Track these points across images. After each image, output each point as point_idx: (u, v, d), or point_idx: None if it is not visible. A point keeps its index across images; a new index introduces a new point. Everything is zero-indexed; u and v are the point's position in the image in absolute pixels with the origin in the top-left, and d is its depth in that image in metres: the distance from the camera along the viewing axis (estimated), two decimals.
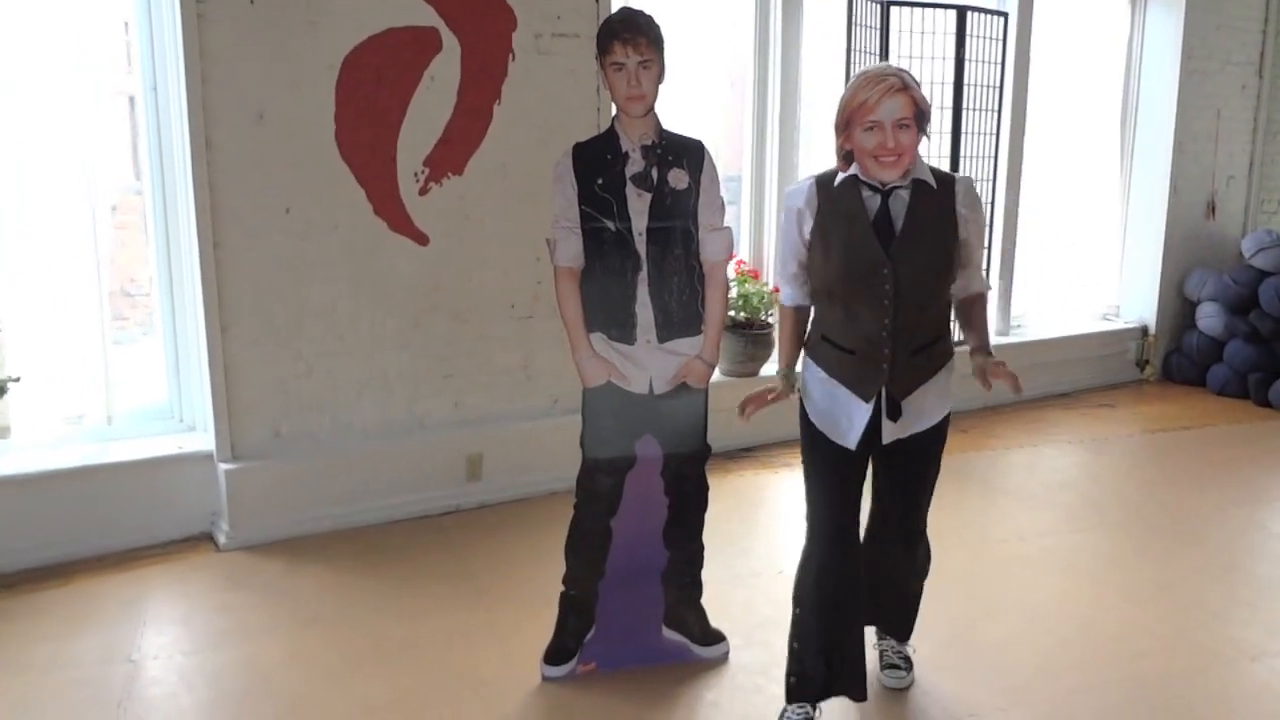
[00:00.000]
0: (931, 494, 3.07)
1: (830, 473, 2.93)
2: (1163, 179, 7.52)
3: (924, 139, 2.70)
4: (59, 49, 4.13)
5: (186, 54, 4.04)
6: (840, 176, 2.79)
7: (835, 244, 2.75)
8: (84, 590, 3.91)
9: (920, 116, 2.64)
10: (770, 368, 5.88)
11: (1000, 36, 6.49)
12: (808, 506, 2.99)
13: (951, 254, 2.79)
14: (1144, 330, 7.76)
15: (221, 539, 4.29)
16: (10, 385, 4.05)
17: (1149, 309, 7.75)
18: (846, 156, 2.74)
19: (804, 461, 3.00)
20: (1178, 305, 7.79)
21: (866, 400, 2.83)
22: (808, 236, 2.83)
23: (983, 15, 6.35)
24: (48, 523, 4.10)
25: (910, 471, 2.99)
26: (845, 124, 2.69)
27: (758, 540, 4.54)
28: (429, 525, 4.59)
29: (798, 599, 3.01)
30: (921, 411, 2.89)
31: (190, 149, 4.11)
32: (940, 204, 2.76)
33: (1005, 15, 6.54)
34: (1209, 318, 7.47)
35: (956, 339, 3.03)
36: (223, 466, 4.29)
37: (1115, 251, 7.82)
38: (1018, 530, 4.68)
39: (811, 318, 2.98)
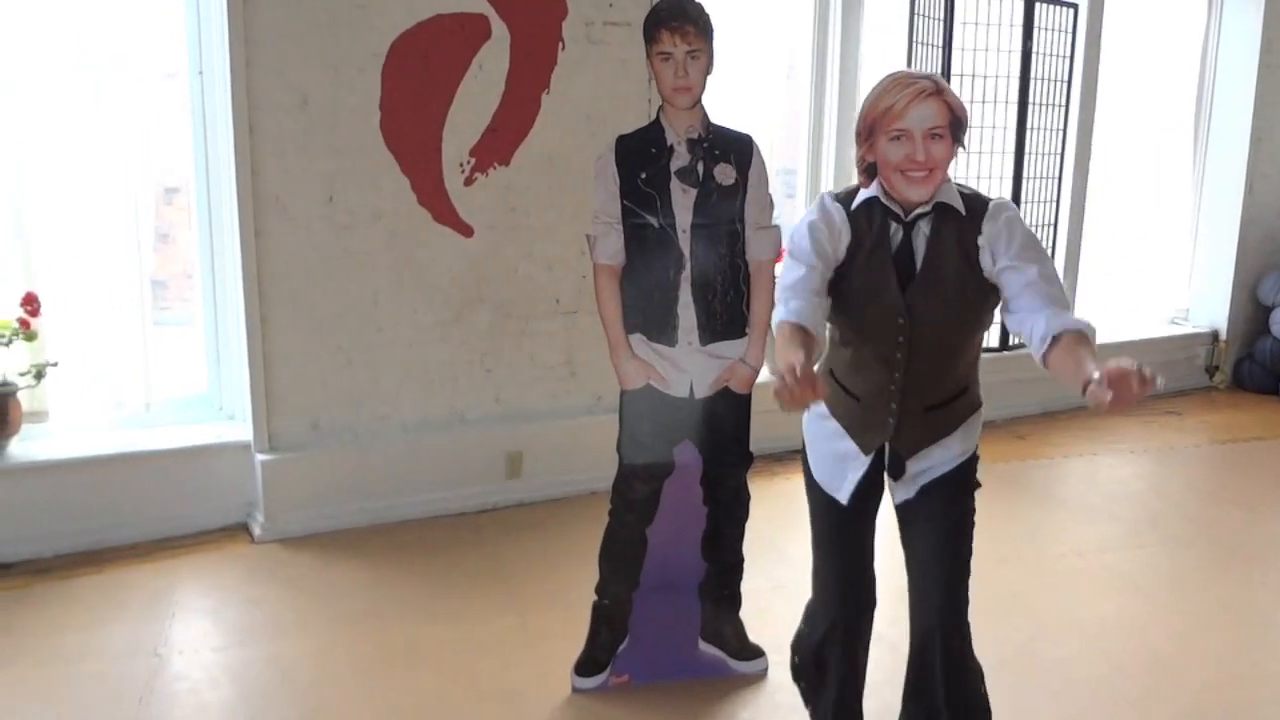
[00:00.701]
0: (966, 571, 2.47)
1: (834, 530, 2.58)
2: (1238, 177, 7.22)
3: (959, 152, 2.30)
4: (102, 32, 4.09)
5: (231, 37, 3.99)
6: (860, 196, 2.37)
7: (853, 276, 2.35)
8: (116, 578, 3.88)
9: (955, 125, 2.24)
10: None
11: (1070, 29, 6.26)
12: (814, 563, 2.67)
13: (979, 303, 2.34)
14: (1214, 335, 7.47)
15: (257, 530, 4.25)
16: (49, 370, 4.01)
17: (1220, 313, 7.46)
18: (868, 170, 2.35)
19: (810, 514, 2.64)
20: (1251, 310, 7.48)
21: (866, 452, 2.46)
22: (843, 253, 2.36)
23: (1052, 6, 6.12)
24: (84, 508, 4.07)
25: (932, 537, 2.48)
26: (868, 132, 2.29)
27: (803, 548, 4.32)
28: (465, 523, 4.50)
29: (796, 648, 2.76)
30: (930, 467, 2.46)
31: (233, 135, 4.05)
32: (970, 235, 2.31)
33: (1075, 6, 6.30)
34: None
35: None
36: (259, 457, 4.24)
37: (1186, 252, 7.52)
38: (1076, 544, 4.49)
39: (827, 351, 2.56)
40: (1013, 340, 6.37)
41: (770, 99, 5.86)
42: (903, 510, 2.54)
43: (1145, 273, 7.41)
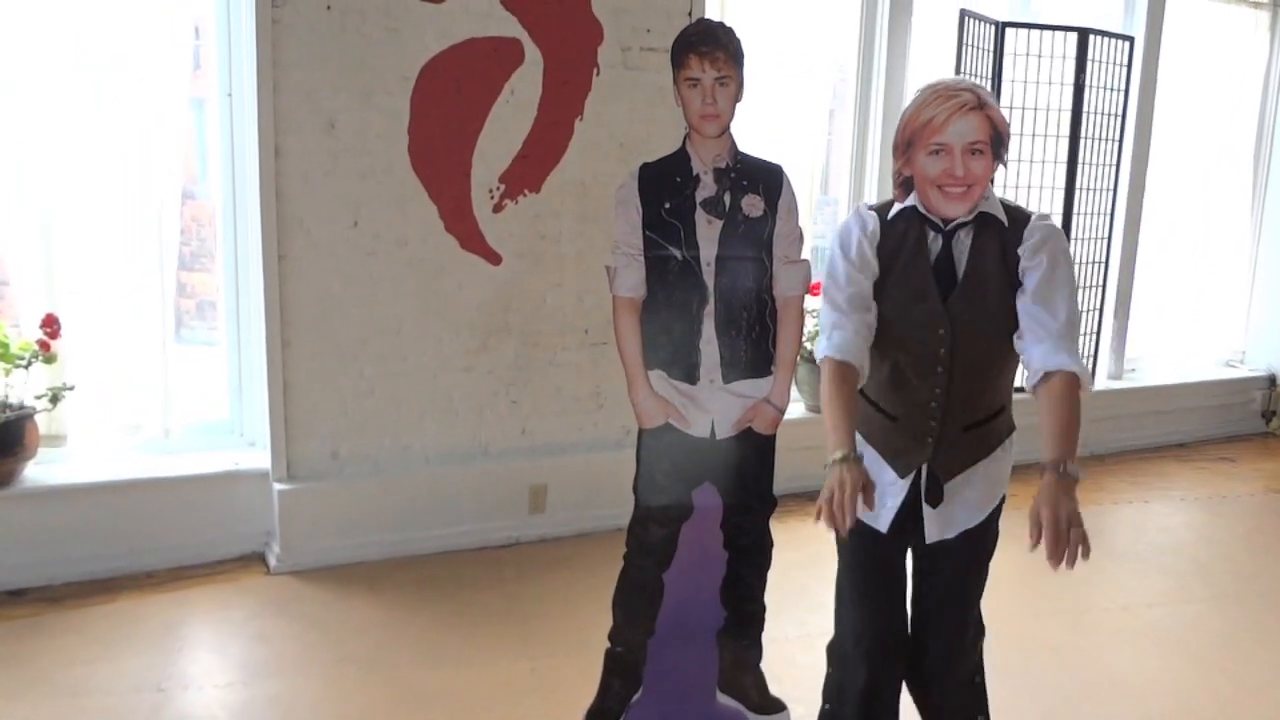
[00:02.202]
0: (977, 603, 2.49)
1: (862, 557, 2.48)
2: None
3: (1000, 169, 2.23)
4: (126, 52, 4.06)
5: (259, 59, 3.93)
6: (897, 208, 2.32)
7: (890, 288, 2.30)
8: (127, 609, 3.80)
9: (997, 140, 2.18)
10: None
11: (1125, 62, 6.08)
12: (837, 599, 2.56)
13: (1011, 305, 2.27)
14: (1272, 379, 7.21)
15: (272, 561, 4.16)
16: (65, 394, 3.96)
17: (1278, 356, 7.20)
18: (905, 184, 2.29)
19: (838, 548, 2.54)
20: None
21: (903, 475, 2.37)
22: (875, 266, 2.31)
23: (1106, 39, 5.95)
24: (98, 535, 4.01)
25: (948, 577, 2.44)
26: (906, 145, 2.23)
27: (830, 594, 4.20)
28: (486, 558, 4.38)
29: (827, 695, 2.63)
30: (969, 500, 2.38)
31: (259, 157, 3.99)
32: (1006, 246, 2.25)
33: (1131, 39, 6.13)
34: None
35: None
36: (277, 486, 4.16)
37: (1243, 293, 7.27)
38: (1121, 598, 4.27)
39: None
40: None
41: (815, 128, 5.73)
42: (933, 551, 2.41)
43: (1200, 313, 7.15)
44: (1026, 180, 5.87)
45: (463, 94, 4.29)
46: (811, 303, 3.16)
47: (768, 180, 2.90)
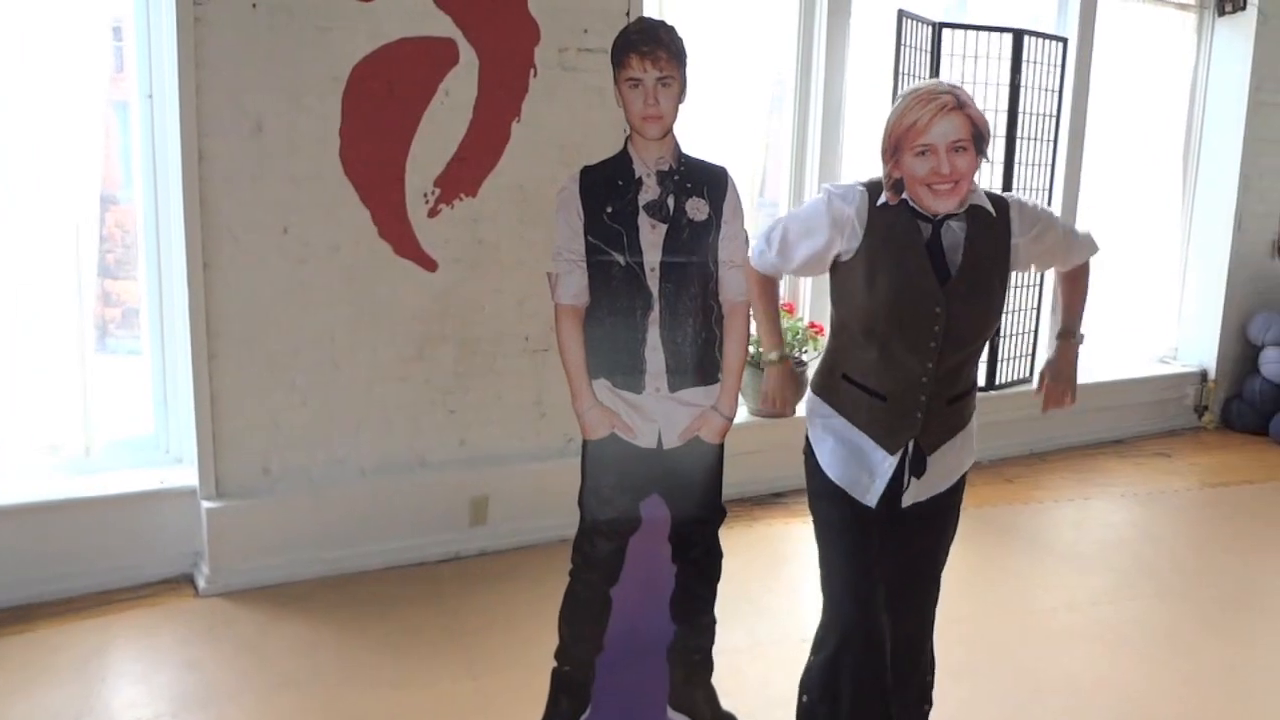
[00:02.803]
0: (940, 573, 2.68)
1: (851, 534, 2.55)
2: (1227, 215, 7.09)
3: (983, 163, 2.36)
4: (42, 54, 3.87)
5: (180, 59, 3.77)
6: (883, 198, 2.43)
7: (883, 275, 2.40)
8: (46, 638, 3.61)
9: (978, 138, 2.30)
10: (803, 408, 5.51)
11: (1059, 62, 6.13)
12: (824, 577, 2.62)
13: (1004, 292, 2.51)
14: (1203, 375, 7.32)
15: (201, 583, 3.99)
16: None
17: (1209, 352, 7.31)
18: (895, 186, 2.39)
19: (817, 525, 2.65)
20: (1240, 349, 7.33)
21: (892, 452, 2.49)
22: (843, 250, 2.46)
23: (1041, 40, 5.98)
24: (14, 560, 3.81)
25: (924, 543, 2.62)
26: (893, 149, 2.34)
27: (781, 601, 4.16)
28: (425, 574, 4.25)
29: (807, 684, 2.65)
30: (945, 469, 2.56)
31: (182, 162, 3.83)
32: (998, 234, 2.46)
33: (1065, 40, 6.18)
34: (1274, 363, 7.03)
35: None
36: (206, 504, 3.99)
37: (1174, 291, 7.38)
38: (1067, 597, 4.27)
39: (829, 352, 2.64)
40: (999, 379, 6.19)
41: (754, 130, 5.68)
42: (905, 514, 2.54)
43: (1134, 311, 7.25)
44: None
45: (396, 96, 4.17)
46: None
47: (712, 183, 2.84)
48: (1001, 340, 6.09)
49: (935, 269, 2.39)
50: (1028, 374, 6.33)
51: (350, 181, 4.12)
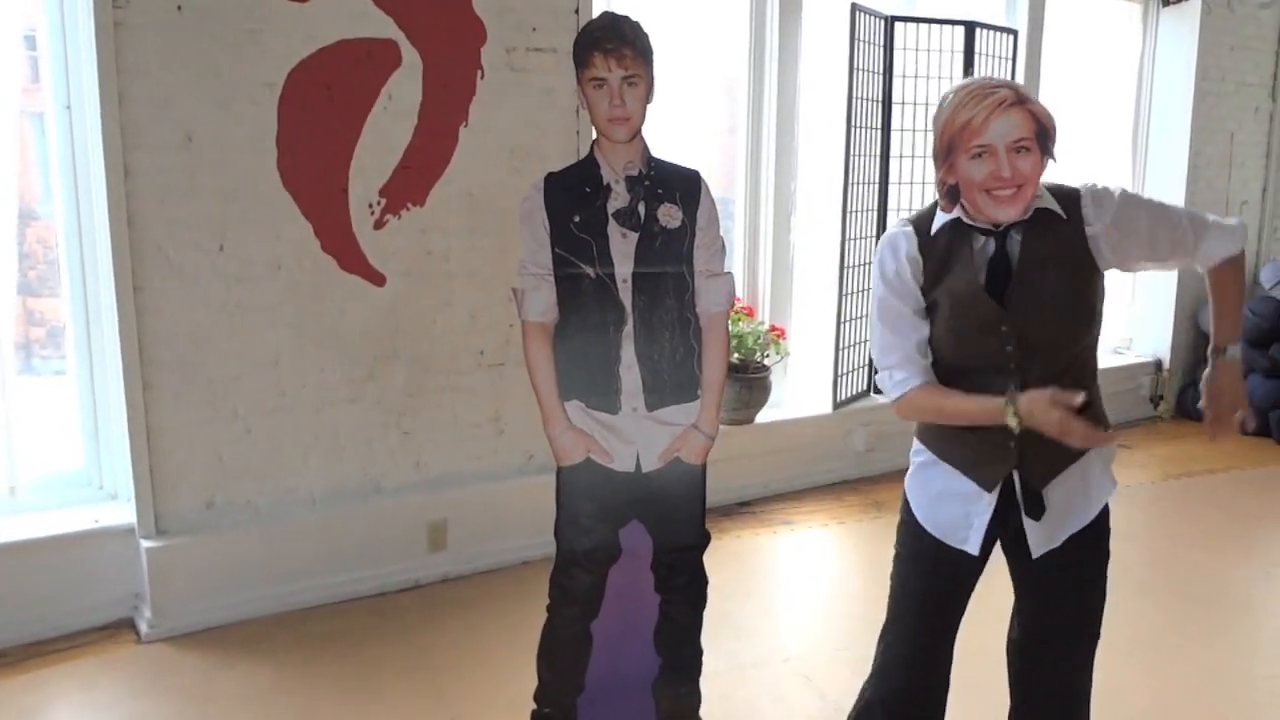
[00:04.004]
0: (1098, 624, 2.32)
1: (930, 581, 2.30)
2: (1176, 204, 7.07)
3: (1050, 164, 2.10)
4: None
5: (100, 67, 3.50)
6: (939, 220, 2.19)
7: (943, 298, 2.18)
8: None
9: (1043, 135, 2.05)
10: (767, 414, 5.38)
11: (1010, 55, 6.05)
12: (883, 636, 2.38)
13: (1089, 293, 2.16)
14: (1158, 365, 7.32)
15: (143, 628, 3.72)
16: None
17: (1163, 342, 7.32)
18: (950, 193, 2.14)
19: (895, 568, 2.38)
20: (1193, 338, 7.34)
21: (989, 489, 2.20)
22: (925, 297, 2.20)
23: (992, 32, 5.90)
24: None
25: (1067, 597, 2.28)
26: (946, 151, 2.09)
27: (760, 619, 4.00)
28: (385, 605, 4.03)
29: None
30: (1072, 504, 2.22)
31: (106, 177, 3.56)
32: (1069, 231, 2.14)
33: (1015, 33, 6.10)
34: None
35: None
36: (145, 543, 3.72)
37: (1126, 281, 7.36)
38: None
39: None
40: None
41: (707, 126, 5.53)
42: (1039, 564, 2.24)
43: None
44: (922, 176, 5.78)
45: (335, 101, 3.94)
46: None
47: (684, 188, 2.67)
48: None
49: (1000, 283, 2.13)
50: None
51: (289, 193, 3.89)
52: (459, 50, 4.16)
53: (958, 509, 2.24)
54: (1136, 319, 7.39)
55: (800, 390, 5.69)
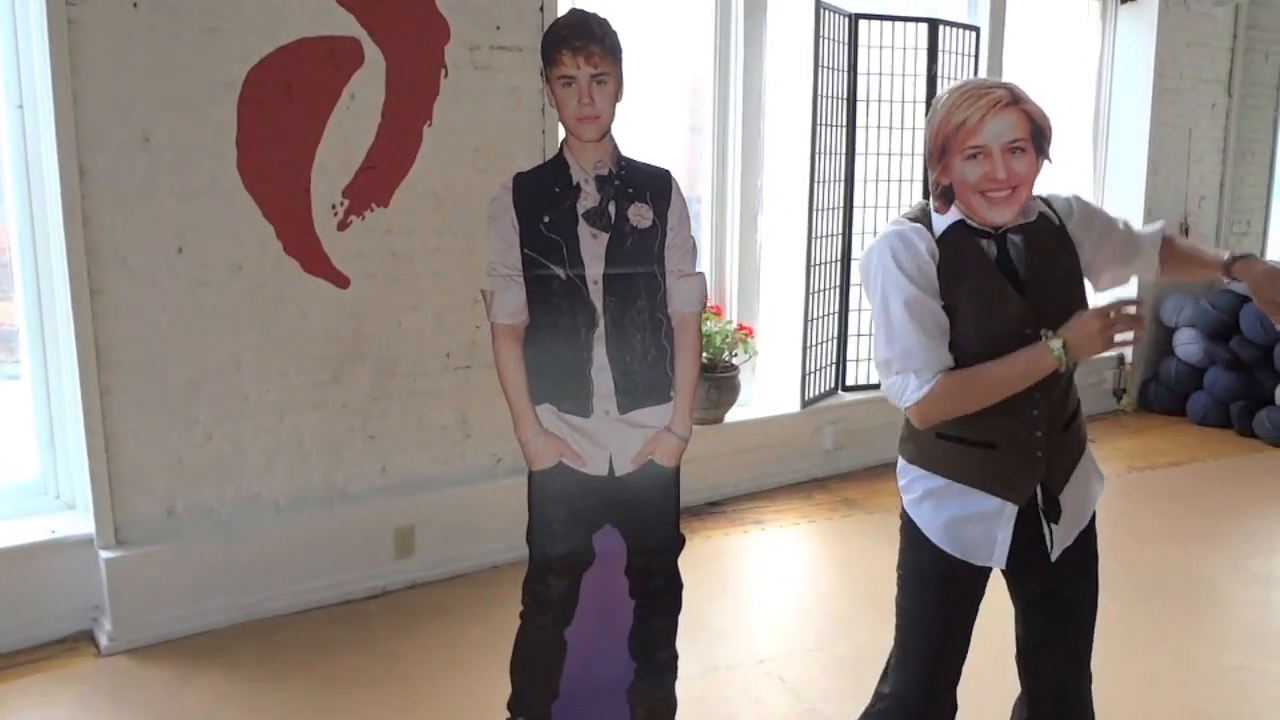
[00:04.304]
0: (1093, 628, 2.32)
1: (952, 607, 2.24)
2: (1137, 201, 7.16)
3: (1046, 164, 2.07)
4: None
5: (54, 65, 3.41)
6: (940, 222, 2.13)
7: (962, 306, 2.09)
8: None
9: (1038, 136, 2.02)
10: (736, 413, 5.36)
11: (972, 52, 6.07)
12: (902, 649, 2.31)
13: (1084, 294, 2.17)
14: (1120, 358, 7.38)
15: (103, 640, 3.63)
16: None
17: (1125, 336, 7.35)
18: (944, 194, 2.10)
19: (906, 593, 2.30)
20: (1154, 332, 7.42)
21: (1020, 502, 2.15)
22: (940, 287, 2.11)
23: (955, 29, 5.91)
24: None
25: (1079, 591, 2.27)
26: (940, 151, 2.06)
27: (733, 620, 3.98)
28: (352, 613, 3.96)
29: None
30: (1079, 502, 2.22)
31: (60, 178, 3.47)
32: (1062, 235, 2.16)
33: (977, 30, 6.12)
34: (1187, 344, 7.11)
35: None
36: (104, 554, 3.64)
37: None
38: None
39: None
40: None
41: (673, 126, 5.50)
42: (1058, 565, 2.21)
43: None
44: (887, 174, 5.79)
45: (296, 101, 3.87)
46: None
47: (655, 187, 2.63)
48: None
49: (1014, 286, 2.09)
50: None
51: (250, 194, 3.81)
52: (422, 49, 4.10)
53: (979, 527, 2.17)
54: None
55: (769, 389, 5.68)
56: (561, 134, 2.61)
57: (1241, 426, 6.73)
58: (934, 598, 2.25)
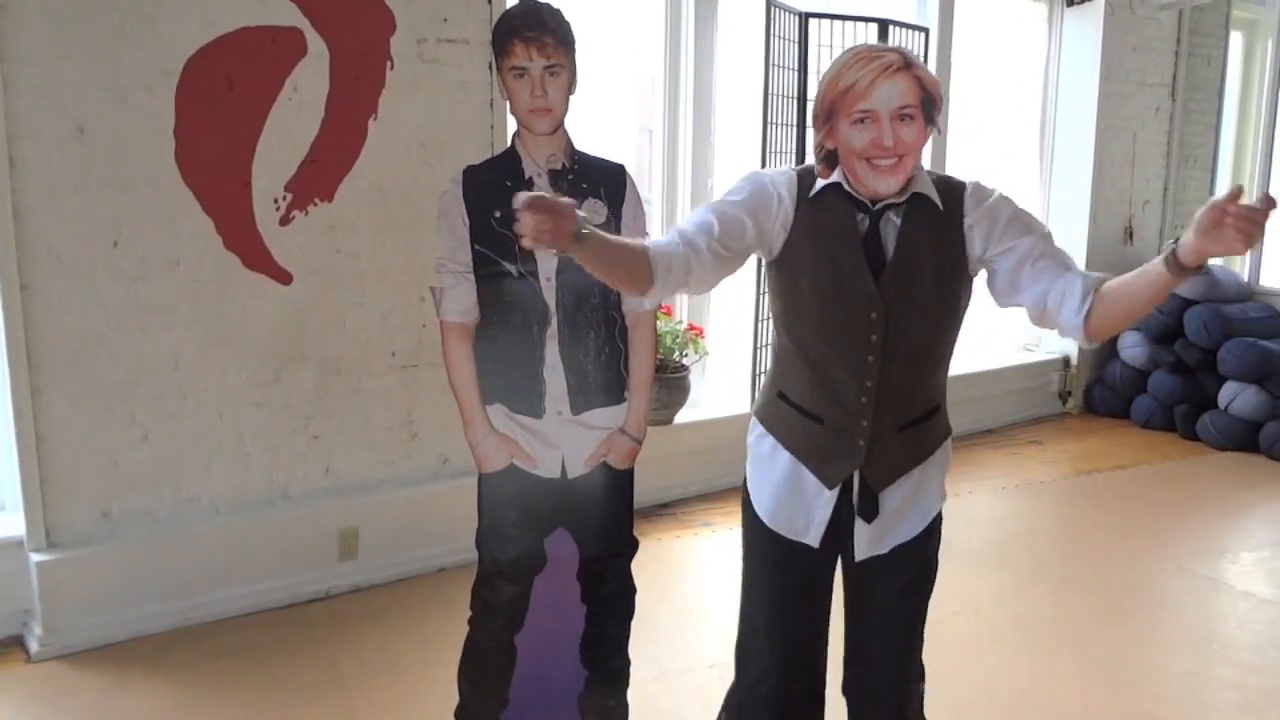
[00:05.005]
0: (922, 628, 2.26)
1: (777, 580, 2.20)
2: (1083, 203, 7.23)
3: (934, 134, 2.00)
4: None
5: None
6: (820, 184, 2.06)
7: (810, 270, 2.05)
8: None
9: (928, 103, 1.94)
10: (686, 414, 5.32)
11: (921, 52, 6.07)
12: (740, 628, 2.28)
13: (959, 292, 2.08)
14: (1065, 361, 7.45)
15: (34, 646, 3.51)
16: None
17: (1070, 339, 7.42)
18: (828, 158, 2.03)
19: (743, 565, 2.29)
20: None
21: (830, 486, 2.13)
22: (776, 226, 2.06)
23: (904, 30, 5.92)
24: None
25: (889, 601, 2.19)
26: (826, 115, 1.98)
27: (684, 623, 3.94)
28: (294, 617, 3.86)
29: (726, 706, 2.38)
30: (905, 513, 2.15)
31: None
32: (946, 224, 2.04)
33: (926, 30, 6.13)
34: (1131, 348, 7.18)
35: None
36: (35, 557, 3.51)
37: None
38: (969, 599, 4.17)
39: (770, 367, 2.26)
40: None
41: (624, 125, 5.46)
42: (864, 567, 2.17)
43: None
44: None
45: (237, 91, 3.76)
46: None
47: (609, 182, 2.59)
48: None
49: (871, 266, 2.02)
50: None
51: (189, 188, 3.70)
52: (367, 40, 4.01)
53: (799, 502, 2.16)
54: None
55: (719, 390, 5.64)
56: (513, 127, 2.55)
57: (1185, 430, 6.80)
58: (762, 564, 2.23)
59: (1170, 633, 3.95)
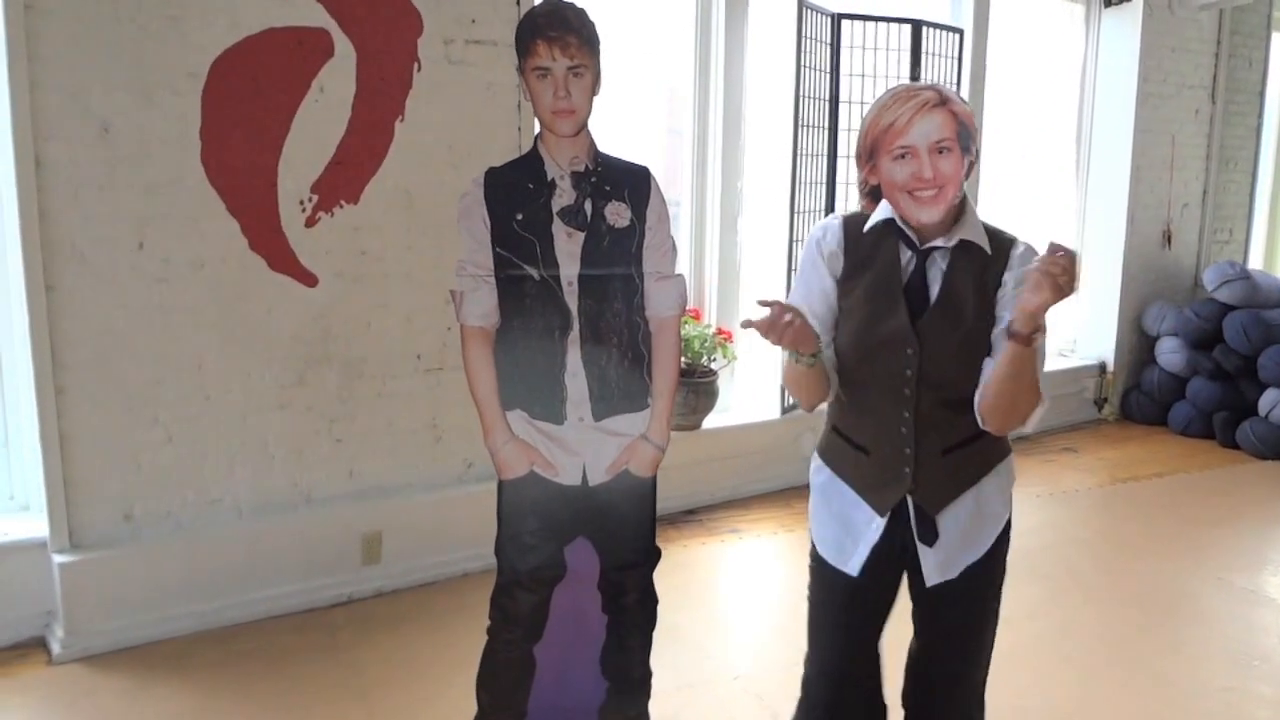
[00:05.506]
0: (989, 652, 2.32)
1: (829, 609, 2.30)
2: (1120, 207, 7.11)
3: (972, 166, 2.08)
4: None
5: (10, 52, 3.29)
6: (871, 221, 2.17)
7: (856, 303, 2.16)
8: None
9: (964, 136, 2.04)
10: (714, 419, 5.26)
11: (955, 54, 5.99)
12: (808, 653, 2.39)
13: (986, 341, 2.11)
14: (1102, 367, 7.34)
15: (56, 648, 3.50)
16: None
17: (1107, 344, 7.33)
18: (872, 193, 2.15)
19: (808, 593, 2.39)
20: (1135, 340, 7.38)
21: (881, 513, 2.19)
22: (830, 283, 2.20)
23: (938, 31, 5.84)
24: None
25: (950, 631, 2.26)
26: (869, 152, 2.11)
27: (710, 634, 3.87)
28: (316, 621, 3.84)
29: None
30: (969, 534, 2.18)
31: (16, 169, 3.34)
32: (990, 273, 2.11)
33: (961, 32, 6.05)
34: (1170, 353, 7.06)
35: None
36: (58, 558, 3.50)
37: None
38: (1004, 611, 4.07)
39: (830, 405, 2.32)
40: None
41: (652, 127, 5.41)
42: (933, 597, 2.21)
43: None
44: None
45: (263, 93, 3.74)
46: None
47: (633, 185, 2.53)
48: None
49: (914, 304, 2.11)
50: None
51: (215, 189, 3.69)
52: (394, 41, 3.99)
53: (845, 531, 2.23)
54: (1081, 321, 7.40)
55: (748, 395, 5.58)
56: (537, 128, 2.51)
57: (1225, 438, 6.67)
58: (819, 592, 2.33)
59: (1208, 647, 3.85)
